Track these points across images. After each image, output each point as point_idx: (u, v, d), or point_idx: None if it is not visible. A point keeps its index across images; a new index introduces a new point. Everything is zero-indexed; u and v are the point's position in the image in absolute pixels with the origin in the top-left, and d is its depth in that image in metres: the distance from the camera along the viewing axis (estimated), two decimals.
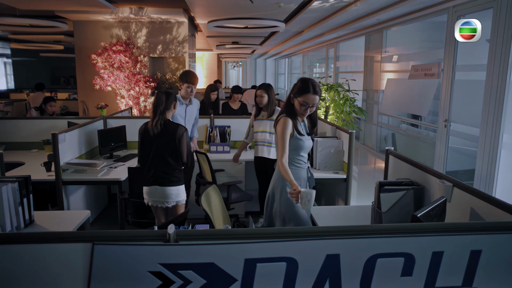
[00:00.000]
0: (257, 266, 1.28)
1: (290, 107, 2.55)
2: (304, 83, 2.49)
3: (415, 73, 6.07)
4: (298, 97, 2.49)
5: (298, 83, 2.53)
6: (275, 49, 14.18)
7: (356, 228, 1.35)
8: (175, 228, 1.26)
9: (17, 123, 4.88)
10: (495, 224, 1.42)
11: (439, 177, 2.24)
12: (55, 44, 11.83)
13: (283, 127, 2.50)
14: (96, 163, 3.70)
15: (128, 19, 7.76)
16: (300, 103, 2.48)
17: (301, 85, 2.50)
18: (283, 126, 2.50)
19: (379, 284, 1.35)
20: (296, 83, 2.57)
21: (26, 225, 2.31)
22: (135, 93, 7.28)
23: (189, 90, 3.80)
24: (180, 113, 3.80)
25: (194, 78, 3.83)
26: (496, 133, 4.15)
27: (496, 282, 1.38)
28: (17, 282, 1.25)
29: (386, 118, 7.72)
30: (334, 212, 2.76)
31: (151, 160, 3.00)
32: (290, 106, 2.55)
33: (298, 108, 2.51)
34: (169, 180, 3.00)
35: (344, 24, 7.56)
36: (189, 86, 3.80)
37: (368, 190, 5.34)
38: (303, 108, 2.49)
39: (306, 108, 2.49)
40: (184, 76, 3.82)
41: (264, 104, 3.87)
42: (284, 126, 2.50)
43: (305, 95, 2.47)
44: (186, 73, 3.84)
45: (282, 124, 2.51)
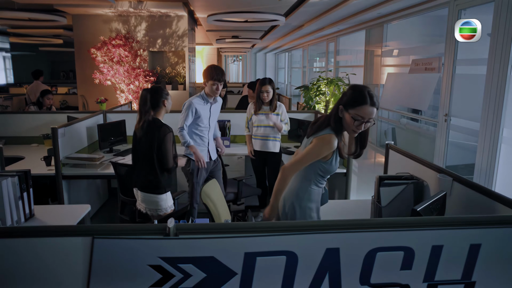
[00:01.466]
0: (257, 259, 1.28)
1: (338, 122, 2.03)
2: (359, 93, 1.97)
3: (416, 67, 6.05)
4: (351, 109, 1.96)
5: (350, 92, 2.01)
6: (275, 43, 14.12)
7: (356, 222, 1.35)
8: (175, 222, 1.26)
9: (17, 118, 4.87)
10: (495, 218, 1.42)
11: (439, 171, 2.24)
12: (54, 38, 11.77)
13: (323, 147, 2.00)
14: (96, 157, 3.70)
15: (127, 13, 7.72)
16: (353, 117, 1.95)
17: (354, 94, 1.98)
18: (325, 147, 2.00)
19: (379, 277, 1.35)
20: (346, 91, 2.05)
21: (26, 219, 2.32)
22: (135, 87, 7.25)
23: (215, 87, 3.35)
24: (204, 113, 3.43)
25: (220, 74, 3.36)
26: (496, 128, 4.14)
27: (495, 275, 1.39)
28: (17, 276, 1.26)
29: (386, 113, 7.71)
30: (334, 206, 2.76)
31: (138, 163, 2.85)
32: (338, 120, 2.03)
33: (349, 123, 1.98)
34: (151, 186, 2.78)
35: (345, 18, 7.52)
36: (215, 83, 3.34)
37: (368, 184, 5.31)
38: (357, 124, 1.96)
39: (361, 124, 1.96)
40: (208, 72, 3.38)
41: (269, 99, 3.86)
42: (326, 147, 2.00)
43: (360, 107, 1.94)
44: (211, 69, 3.41)
45: (326, 144, 2.00)
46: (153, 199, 2.79)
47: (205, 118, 3.43)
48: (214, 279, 1.29)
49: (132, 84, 7.21)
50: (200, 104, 3.40)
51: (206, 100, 3.43)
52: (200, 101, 3.41)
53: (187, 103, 3.39)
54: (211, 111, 3.49)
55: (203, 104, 3.42)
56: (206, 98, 3.43)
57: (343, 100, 2.02)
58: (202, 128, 3.43)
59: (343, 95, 2.05)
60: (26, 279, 1.26)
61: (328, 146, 2.00)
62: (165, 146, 2.71)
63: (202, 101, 3.41)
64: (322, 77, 7.35)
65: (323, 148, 2.01)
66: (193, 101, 3.38)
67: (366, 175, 6.04)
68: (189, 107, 3.35)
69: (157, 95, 2.78)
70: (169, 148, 2.73)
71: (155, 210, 2.81)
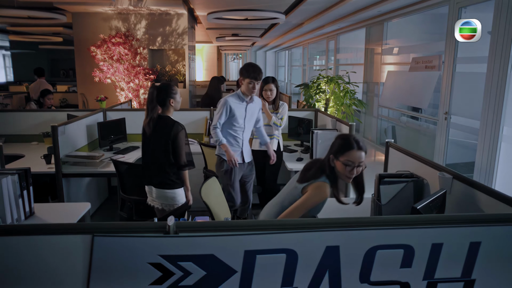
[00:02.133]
0: (256, 257, 1.28)
1: (331, 171, 2.13)
2: (346, 140, 2.11)
3: (416, 65, 6.05)
4: (340, 157, 2.08)
5: (338, 141, 2.14)
6: (275, 41, 14.11)
7: (355, 220, 1.35)
8: (175, 220, 1.26)
9: (17, 116, 4.87)
10: (495, 216, 1.42)
11: (439, 169, 2.24)
12: (54, 36, 11.75)
13: (316, 197, 2.09)
14: (96, 155, 3.70)
15: (127, 11, 7.70)
16: (344, 163, 2.07)
17: (341, 142, 2.11)
18: (318, 196, 2.09)
19: (379, 275, 1.35)
20: (334, 141, 2.17)
21: (27, 217, 2.32)
22: (135, 85, 7.25)
23: (251, 86, 3.19)
24: (239, 112, 3.27)
25: (257, 73, 3.20)
26: (496, 126, 4.14)
27: (495, 273, 1.39)
28: (17, 274, 1.26)
29: (386, 111, 7.71)
30: (333, 204, 2.76)
31: (147, 159, 2.87)
32: (331, 169, 2.13)
33: (342, 170, 2.09)
34: (164, 182, 2.79)
35: (345, 16, 7.51)
36: (251, 82, 3.18)
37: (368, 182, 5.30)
38: (348, 169, 2.07)
39: (352, 169, 2.07)
40: (245, 69, 3.22)
41: (273, 98, 3.77)
42: (319, 196, 2.09)
43: (347, 152, 2.07)
44: (248, 66, 3.25)
45: (319, 192, 2.09)
46: (169, 195, 2.80)
47: (240, 117, 3.27)
48: (214, 277, 1.29)
49: (132, 82, 7.21)
50: (236, 102, 3.25)
51: (242, 98, 3.27)
52: (236, 100, 3.26)
53: (222, 101, 3.26)
54: (247, 110, 3.32)
55: (239, 103, 3.26)
56: (242, 97, 3.27)
57: (332, 150, 2.13)
58: (237, 128, 3.29)
59: (332, 145, 2.15)
60: (26, 277, 1.26)
61: (319, 196, 2.09)
62: (178, 143, 2.71)
63: (238, 100, 3.26)
64: (322, 75, 7.34)
65: (315, 197, 2.08)
66: (228, 99, 3.25)
67: (366, 173, 6.04)
68: (223, 104, 3.23)
69: (163, 93, 2.75)
70: (181, 145, 2.73)
71: (172, 205, 2.83)
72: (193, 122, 4.84)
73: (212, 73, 16.75)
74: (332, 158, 2.12)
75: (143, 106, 7.56)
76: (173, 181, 2.80)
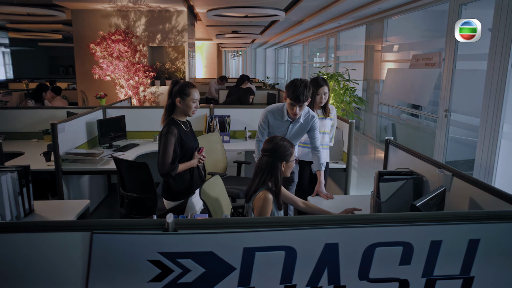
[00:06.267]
0: (256, 255, 1.28)
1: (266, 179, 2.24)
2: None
3: (416, 62, 6.04)
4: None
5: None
6: (275, 38, 14.08)
7: (355, 217, 1.35)
8: (174, 217, 1.26)
9: (17, 113, 4.86)
10: (494, 214, 1.42)
11: (438, 166, 2.24)
12: (54, 33, 11.74)
13: (266, 205, 2.17)
14: (96, 152, 3.70)
15: (126, 8, 7.68)
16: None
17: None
18: (266, 202, 2.17)
19: (378, 272, 1.35)
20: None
21: (26, 214, 2.32)
22: (134, 82, 7.24)
23: (292, 108, 2.73)
24: (280, 129, 2.90)
25: (300, 93, 2.63)
26: (496, 123, 4.14)
27: (494, 270, 1.39)
28: (16, 270, 1.26)
29: (386, 108, 7.70)
30: (333, 201, 2.76)
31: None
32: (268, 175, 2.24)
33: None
34: (164, 190, 2.62)
35: (345, 13, 7.49)
36: (292, 104, 2.70)
37: (368, 179, 5.35)
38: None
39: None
40: (287, 87, 2.73)
41: (324, 103, 3.26)
42: (266, 202, 2.17)
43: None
44: (291, 84, 2.70)
45: (265, 200, 2.17)
46: (176, 207, 2.62)
47: (281, 134, 2.85)
48: (213, 274, 1.29)
49: (131, 80, 7.20)
50: (276, 116, 2.88)
51: (285, 116, 2.85)
52: (278, 113, 2.88)
53: (264, 111, 2.95)
54: (290, 129, 2.89)
55: (280, 119, 2.88)
56: (285, 114, 2.84)
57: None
58: None
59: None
60: (26, 274, 1.26)
61: (268, 199, 2.16)
62: (164, 144, 2.45)
63: (279, 116, 2.87)
64: (322, 72, 7.33)
65: (267, 205, 2.16)
66: (268, 110, 2.91)
67: (365, 170, 6.05)
68: (262, 114, 2.94)
69: (174, 88, 2.54)
70: (163, 150, 2.44)
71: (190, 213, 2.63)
72: (193, 120, 4.83)
73: (212, 70, 16.73)
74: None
75: (142, 103, 7.56)
76: (167, 190, 2.59)
